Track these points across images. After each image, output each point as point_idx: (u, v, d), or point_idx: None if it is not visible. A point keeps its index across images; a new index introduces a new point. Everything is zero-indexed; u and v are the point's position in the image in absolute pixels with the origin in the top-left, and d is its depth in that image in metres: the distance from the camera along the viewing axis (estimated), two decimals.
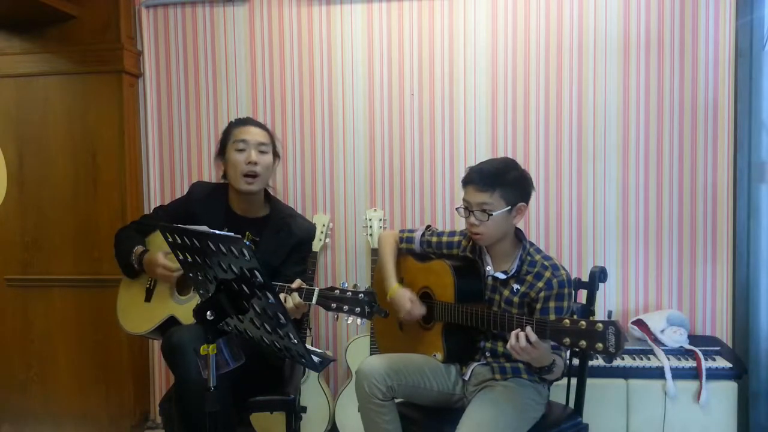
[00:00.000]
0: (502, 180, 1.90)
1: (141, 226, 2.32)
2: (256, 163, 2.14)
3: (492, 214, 1.89)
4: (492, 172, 1.91)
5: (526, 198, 1.95)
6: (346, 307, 1.75)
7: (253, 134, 2.17)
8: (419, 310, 2.07)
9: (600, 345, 1.51)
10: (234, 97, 3.04)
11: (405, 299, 2.07)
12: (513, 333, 1.67)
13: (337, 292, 1.77)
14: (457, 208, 2.00)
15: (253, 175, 2.14)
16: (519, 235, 2.02)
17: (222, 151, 2.22)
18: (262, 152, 2.16)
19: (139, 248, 2.20)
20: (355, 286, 1.79)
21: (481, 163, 1.99)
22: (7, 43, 3.01)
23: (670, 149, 2.79)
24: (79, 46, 2.94)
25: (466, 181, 1.95)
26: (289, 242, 2.20)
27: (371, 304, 1.73)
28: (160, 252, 2.12)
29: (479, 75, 2.88)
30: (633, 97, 2.80)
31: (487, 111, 2.89)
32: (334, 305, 1.77)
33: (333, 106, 2.98)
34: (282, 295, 1.87)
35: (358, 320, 1.76)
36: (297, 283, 1.88)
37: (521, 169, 1.97)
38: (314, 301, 1.82)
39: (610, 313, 2.64)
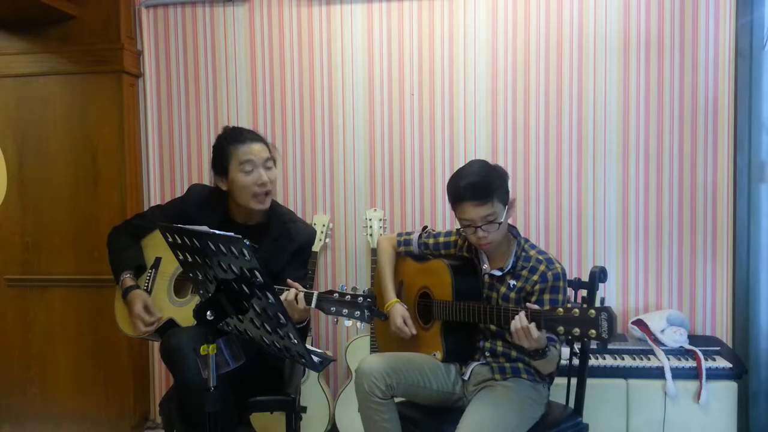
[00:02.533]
0: (493, 185, 1.88)
1: (136, 228, 2.27)
2: (266, 183, 2.08)
3: (501, 222, 1.89)
4: (482, 183, 1.87)
5: (509, 190, 1.95)
6: (345, 311, 1.72)
7: (257, 152, 2.07)
8: (410, 329, 2.08)
9: (593, 331, 1.53)
10: (234, 97, 3.04)
11: (398, 316, 2.09)
12: (517, 317, 1.69)
13: (336, 295, 1.75)
14: (458, 229, 1.98)
15: (266, 194, 2.10)
16: (513, 232, 2.03)
17: (221, 170, 2.12)
18: (267, 168, 2.09)
19: (126, 279, 2.14)
20: (353, 288, 1.76)
21: (461, 178, 1.92)
22: (7, 43, 3.01)
23: (670, 149, 2.79)
24: (79, 46, 2.94)
25: (459, 199, 1.89)
26: (289, 248, 2.15)
27: (370, 307, 1.70)
28: (140, 301, 2.08)
29: (479, 75, 2.88)
30: (633, 97, 2.80)
31: (487, 111, 2.89)
32: (333, 309, 1.74)
33: (333, 106, 2.98)
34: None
35: (358, 323, 1.74)
36: (293, 291, 1.84)
37: (495, 166, 1.96)
38: (313, 305, 1.80)
39: (603, 300, 2.63)
